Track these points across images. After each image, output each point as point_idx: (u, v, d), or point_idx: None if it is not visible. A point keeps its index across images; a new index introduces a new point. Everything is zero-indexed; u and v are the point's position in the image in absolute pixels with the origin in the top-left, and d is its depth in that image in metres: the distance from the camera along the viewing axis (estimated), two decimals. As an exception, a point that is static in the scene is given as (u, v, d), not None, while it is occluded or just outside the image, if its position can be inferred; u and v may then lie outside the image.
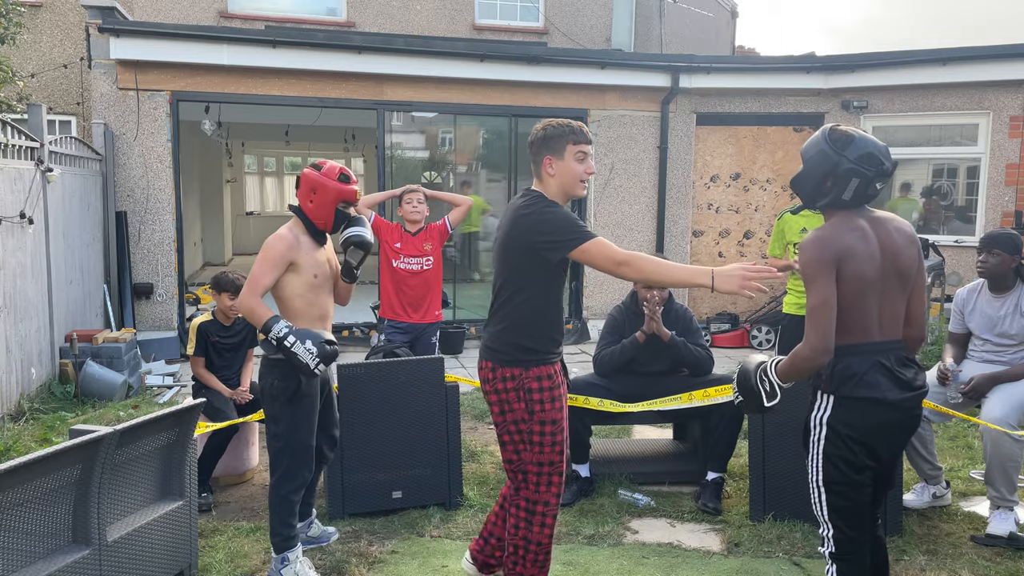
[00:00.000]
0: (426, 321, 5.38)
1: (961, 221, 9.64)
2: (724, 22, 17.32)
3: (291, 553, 3.48)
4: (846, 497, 2.63)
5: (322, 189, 3.46)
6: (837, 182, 2.62)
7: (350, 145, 16.16)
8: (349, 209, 3.55)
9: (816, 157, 2.67)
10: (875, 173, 2.61)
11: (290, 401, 3.42)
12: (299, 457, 3.48)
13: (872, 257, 2.59)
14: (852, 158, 2.60)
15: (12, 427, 5.51)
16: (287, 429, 3.45)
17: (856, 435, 2.59)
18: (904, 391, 2.60)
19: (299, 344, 3.25)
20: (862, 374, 2.58)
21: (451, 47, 9.21)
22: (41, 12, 11.66)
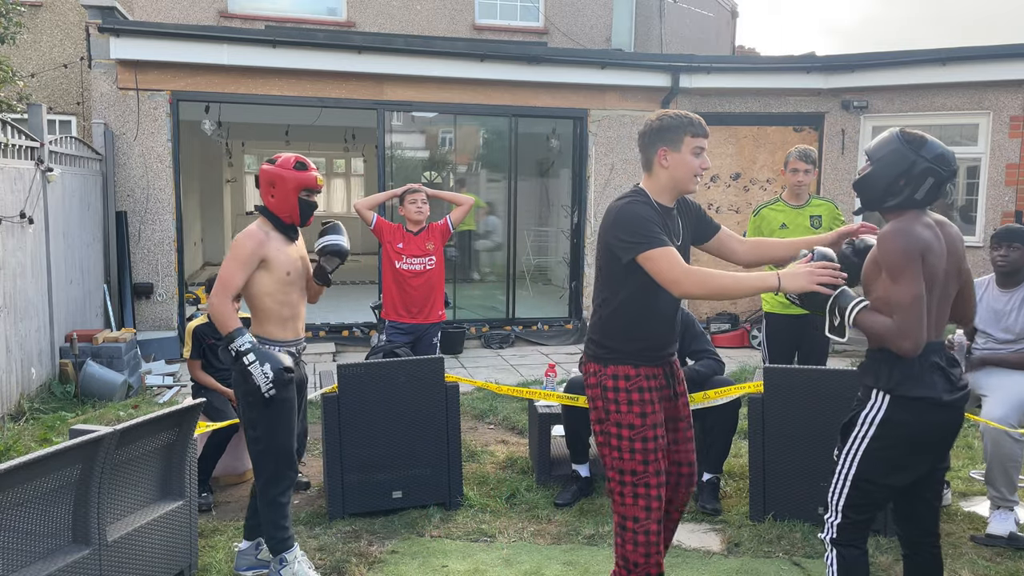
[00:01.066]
0: (429, 322, 5.38)
1: (961, 221, 9.63)
2: (724, 22, 17.32)
3: (288, 554, 3.46)
4: (871, 495, 2.65)
5: (280, 181, 3.37)
6: (911, 181, 2.59)
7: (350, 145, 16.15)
8: (313, 197, 3.45)
9: (890, 156, 2.64)
10: (948, 173, 2.61)
11: (266, 405, 3.33)
12: (282, 460, 3.40)
13: (942, 256, 2.59)
14: (929, 157, 2.59)
15: (12, 427, 5.51)
16: (266, 433, 3.36)
17: (909, 435, 2.59)
18: (956, 392, 2.62)
19: (257, 365, 3.21)
20: (920, 374, 2.57)
21: (451, 47, 9.20)
22: (41, 12, 11.66)
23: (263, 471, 3.41)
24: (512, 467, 4.96)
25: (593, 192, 9.67)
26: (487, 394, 6.47)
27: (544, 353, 8.78)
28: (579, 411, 4.47)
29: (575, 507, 4.36)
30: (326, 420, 4.17)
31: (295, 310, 3.49)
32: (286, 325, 3.44)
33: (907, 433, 2.59)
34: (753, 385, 4.45)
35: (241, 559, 3.63)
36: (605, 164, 9.65)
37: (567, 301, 9.97)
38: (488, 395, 6.48)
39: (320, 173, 3.50)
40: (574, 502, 4.41)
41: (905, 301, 2.48)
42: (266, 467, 3.40)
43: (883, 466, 2.62)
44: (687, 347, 4.63)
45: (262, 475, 3.42)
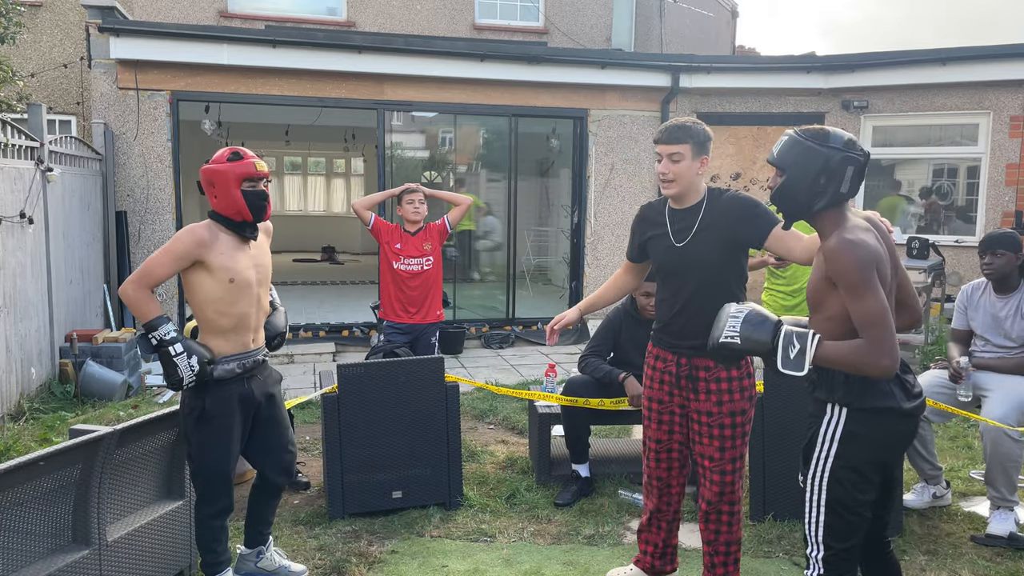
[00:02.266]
0: (427, 321, 5.38)
1: (961, 221, 9.63)
2: (724, 22, 17.32)
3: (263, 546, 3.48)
4: (846, 519, 2.47)
5: (218, 177, 3.13)
6: (832, 176, 2.43)
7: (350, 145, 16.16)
8: (259, 187, 3.18)
9: (801, 158, 2.46)
10: (864, 157, 2.46)
11: (197, 421, 3.14)
12: (213, 483, 3.18)
13: (886, 258, 2.47)
14: (839, 146, 2.44)
15: (12, 427, 5.51)
16: (196, 450, 3.17)
17: (870, 448, 2.46)
18: (913, 399, 2.51)
19: (184, 357, 3.00)
20: (877, 383, 2.44)
21: (451, 47, 9.20)
22: (41, 12, 11.66)
23: (196, 488, 3.24)
24: (512, 467, 4.96)
25: (593, 192, 9.67)
26: (487, 394, 6.47)
27: (544, 353, 8.78)
28: (579, 411, 4.48)
29: (575, 507, 4.36)
30: (326, 420, 4.17)
31: (243, 321, 3.21)
32: (229, 337, 3.19)
33: (871, 446, 2.45)
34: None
35: (241, 563, 3.56)
36: (605, 164, 9.65)
37: (567, 301, 9.97)
38: (488, 395, 6.48)
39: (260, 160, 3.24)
40: (574, 502, 4.41)
41: (875, 316, 2.29)
42: (197, 486, 3.23)
43: (852, 484, 2.45)
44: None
45: (196, 491, 3.24)
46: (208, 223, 3.20)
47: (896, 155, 9.97)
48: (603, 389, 4.48)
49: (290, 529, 4.08)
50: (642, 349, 4.56)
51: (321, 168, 19.81)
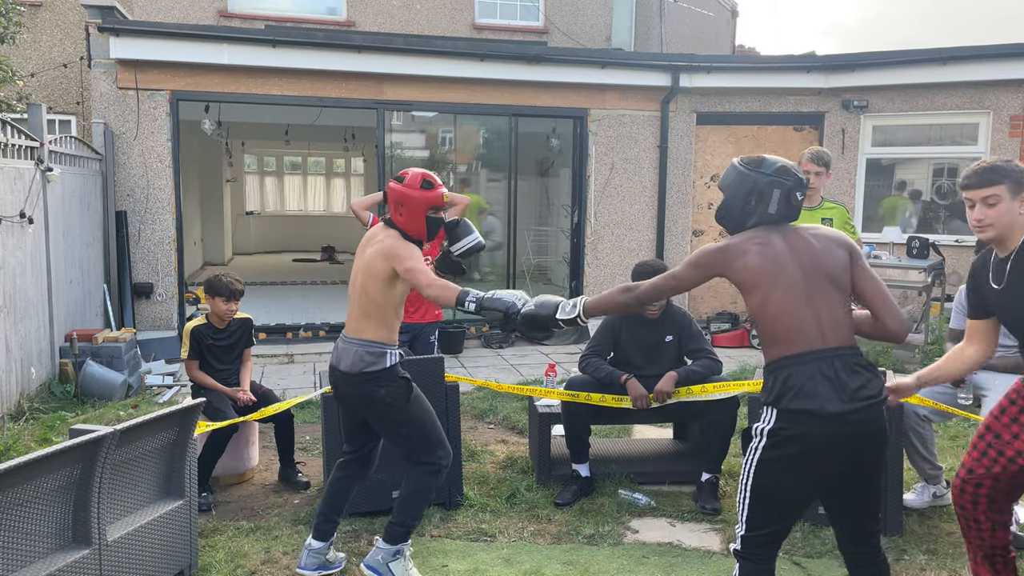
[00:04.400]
0: (426, 320, 5.38)
1: (961, 221, 9.63)
2: (724, 22, 17.32)
3: (406, 547, 3.48)
4: (768, 507, 2.59)
5: (408, 200, 3.39)
6: (761, 198, 2.71)
7: (350, 145, 16.16)
8: (441, 214, 3.46)
9: (735, 181, 2.77)
10: (793, 183, 2.71)
11: (409, 398, 3.43)
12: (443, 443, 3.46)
13: (771, 257, 2.61)
14: (769, 172, 2.72)
15: (12, 427, 5.51)
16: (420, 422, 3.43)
17: (794, 447, 2.52)
18: (849, 402, 2.50)
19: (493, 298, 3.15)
20: (800, 385, 2.52)
21: (451, 47, 9.20)
22: (41, 12, 11.66)
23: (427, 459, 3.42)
24: (512, 467, 4.96)
25: (593, 192, 9.67)
26: (487, 394, 6.47)
27: (544, 353, 8.78)
28: (580, 410, 4.47)
29: (575, 507, 4.36)
30: (326, 420, 4.16)
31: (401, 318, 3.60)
32: (395, 331, 3.49)
33: (792, 445, 2.52)
34: (752, 383, 4.45)
35: (310, 557, 3.57)
36: (605, 164, 9.65)
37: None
38: (488, 395, 6.48)
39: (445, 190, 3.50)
40: (574, 502, 4.41)
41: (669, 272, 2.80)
42: (428, 456, 3.42)
43: (774, 477, 2.56)
44: (685, 346, 4.63)
45: (426, 462, 3.42)
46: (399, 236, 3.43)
47: (896, 155, 9.97)
48: (604, 389, 4.48)
49: (290, 529, 4.08)
50: (642, 349, 4.59)
51: (321, 168, 19.81)
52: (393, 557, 3.44)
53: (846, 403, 2.50)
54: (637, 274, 4.50)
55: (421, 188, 3.39)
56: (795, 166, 2.77)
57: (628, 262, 9.33)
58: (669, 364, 4.55)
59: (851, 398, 2.51)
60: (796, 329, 2.57)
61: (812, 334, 2.56)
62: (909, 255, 8.03)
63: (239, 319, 4.80)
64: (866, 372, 2.58)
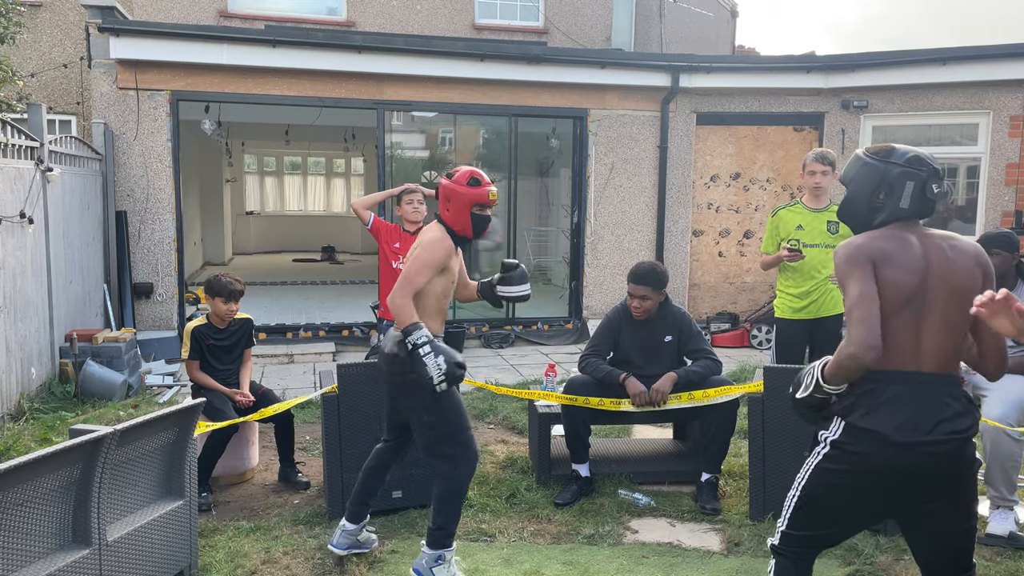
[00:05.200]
0: (426, 321, 5.38)
1: (961, 221, 9.63)
2: (724, 22, 17.32)
3: (448, 552, 3.47)
4: (814, 514, 2.52)
5: (455, 196, 3.44)
6: (891, 191, 2.48)
7: (350, 145, 16.16)
8: (486, 211, 3.50)
9: (861, 173, 2.55)
10: (928, 173, 2.47)
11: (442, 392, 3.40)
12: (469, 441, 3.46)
13: (911, 267, 2.39)
14: (901, 162, 2.49)
15: (12, 427, 5.51)
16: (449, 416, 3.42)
17: (854, 465, 2.40)
18: (926, 434, 2.32)
19: (432, 356, 3.21)
20: (876, 404, 2.36)
21: (451, 47, 9.20)
22: (41, 12, 11.66)
23: (452, 455, 3.41)
24: (512, 467, 4.96)
25: (593, 192, 9.67)
26: (487, 394, 6.47)
27: (544, 353, 8.78)
28: (579, 411, 4.47)
29: (575, 507, 4.36)
30: (326, 420, 4.17)
31: (445, 311, 3.62)
32: (435, 324, 3.51)
33: (853, 462, 2.40)
34: (753, 385, 4.45)
35: (343, 537, 3.68)
36: (605, 164, 9.65)
37: (567, 301, 9.97)
38: (488, 395, 6.48)
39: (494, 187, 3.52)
40: (574, 502, 4.41)
41: (851, 301, 2.37)
42: (455, 453, 3.41)
43: (827, 489, 2.46)
44: (684, 346, 4.63)
45: (452, 459, 3.41)
46: (444, 232, 3.49)
47: (896, 155, 9.95)
48: (603, 389, 4.48)
49: (290, 529, 4.08)
50: (642, 349, 4.59)
51: (321, 168, 19.82)
52: (436, 562, 3.44)
53: (923, 434, 2.33)
54: (635, 275, 4.49)
55: (468, 185, 3.45)
56: (929, 156, 2.53)
57: (628, 262, 9.33)
58: (668, 364, 4.54)
59: (930, 430, 2.33)
60: (892, 345, 2.36)
61: (908, 353, 2.37)
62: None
63: (239, 319, 4.81)
64: (956, 404, 2.38)
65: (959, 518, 2.43)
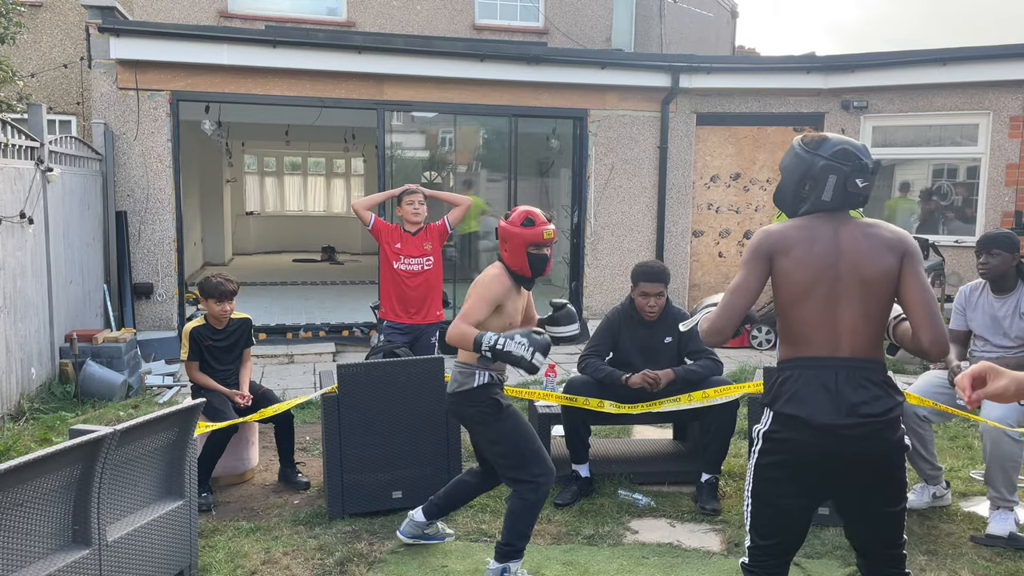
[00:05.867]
0: (427, 322, 5.39)
1: (961, 221, 9.64)
2: (724, 22, 17.32)
3: (514, 564, 3.47)
4: (769, 517, 2.51)
5: (510, 237, 3.48)
6: (815, 184, 2.49)
7: (350, 145, 16.15)
8: (543, 250, 3.51)
9: (791, 163, 2.56)
10: (852, 168, 2.46)
11: (499, 416, 3.45)
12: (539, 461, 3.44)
13: (816, 258, 2.43)
14: (826, 155, 2.49)
15: (12, 427, 5.51)
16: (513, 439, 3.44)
17: (786, 454, 2.43)
18: (845, 416, 2.35)
19: (509, 341, 3.25)
20: (796, 390, 2.41)
21: (451, 47, 9.20)
22: (41, 12, 11.66)
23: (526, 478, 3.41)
24: (512, 467, 4.96)
25: (593, 192, 9.67)
26: (487, 394, 6.46)
27: (544, 353, 8.77)
28: (579, 411, 4.47)
29: (575, 507, 4.36)
30: (326, 420, 4.17)
31: None
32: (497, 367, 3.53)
33: (785, 450, 2.43)
34: (753, 385, 4.45)
35: (409, 526, 3.81)
36: (605, 164, 9.65)
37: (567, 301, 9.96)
38: (488, 395, 6.47)
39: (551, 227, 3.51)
40: (574, 502, 4.41)
41: (729, 287, 2.53)
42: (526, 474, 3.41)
43: (769, 484, 2.48)
44: (685, 347, 4.63)
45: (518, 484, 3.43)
46: (503, 270, 3.54)
47: (896, 155, 9.97)
48: (603, 390, 4.48)
49: (290, 529, 4.08)
50: (641, 350, 4.59)
51: (321, 168, 19.81)
52: (503, 574, 3.46)
53: (841, 417, 2.35)
54: (648, 273, 4.48)
55: (522, 225, 3.47)
56: (862, 149, 2.51)
57: (628, 262, 9.34)
58: (668, 365, 4.54)
59: (848, 413, 2.36)
60: (810, 333, 2.43)
61: (825, 340, 2.42)
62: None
63: (238, 319, 4.80)
64: (875, 388, 2.40)
65: (887, 500, 2.45)
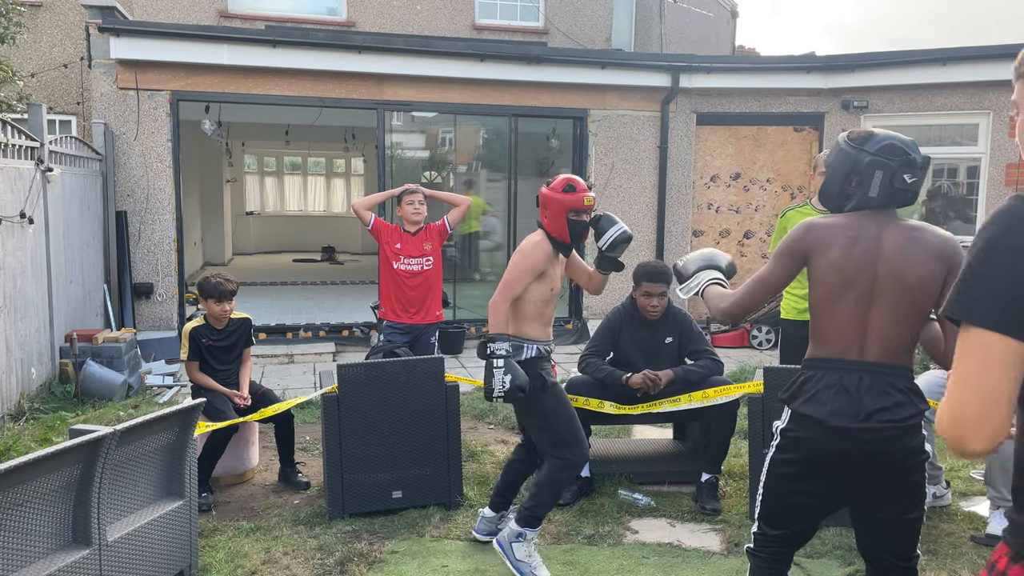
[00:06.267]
0: (427, 322, 5.39)
1: (961, 221, 9.63)
2: (724, 22, 17.32)
3: (530, 532, 3.57)
4: (779, 510, 2.54)
5: (550, 203, 3.53)
6: (861, 179, 2.46)
7: (350, 145, 16.15)
8: (582, 216, 3.53)
9: (837, 159, 2.54)
10: (899, 163, 2.42)
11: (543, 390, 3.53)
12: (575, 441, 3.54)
13: (855, 258, 2.40)
14: (873, 150, 2.45)
15: (12, 427, 5.51)
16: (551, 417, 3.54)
17: (802, 452, 2.43)
18: (862, 421, 2.32)
19: (500, 372, 3.35)
20: (816, 391, 2.41)
21: (451, 47, 9.20)
22: (41, 12, 11.66)
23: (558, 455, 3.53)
24: (512, 467, 4.96)
25: (593, 192, 9.65)
26: (487, 394, 6.46)
27: (544, 353, 8.78)
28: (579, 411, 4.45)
29: (575, 507, 4.36)
30: (326, 420, 4.17)
31: (549, 319, 3.68)
32: (537, 331, 3.60)
33: (801, 449, 2.43)
34: (753, 385, 4.45)
35: (482, 523, 3.94)
36: (605, 164, 9.65)
37: (567, 301, 9.96)
38: (488, 395, 6.47)
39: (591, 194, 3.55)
40: (574, 502, 4.41)
41: (757, 273, 2.58)
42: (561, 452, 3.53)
43: (783, 480, 2.49)
44: (685, 347, 4.63)
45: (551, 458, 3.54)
46: (544, 237, 3.58)
47: (896, 155, 9.96)
48: (604, 390, 4.48)
49: (290, 529, 4.08)
50: (642, 350, 4.59)
51: (321, 168, 19.81)
52: (516, 538, 3.57)
53: (858, 421, 2.33)
54: (651, 273, 4.49)
55: (563, 192, 3.52)
56: (910, 144, 2.46)
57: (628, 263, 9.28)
58: (668, 365, 4.54)
59: (865, 418, 2.33)
60: (839, 334, 2.41)
61: (851, 343, 2.40)
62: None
63: (238, 319, 4.80)
64: (898, 395, 2.36)
65: (903, 508, 2.41)
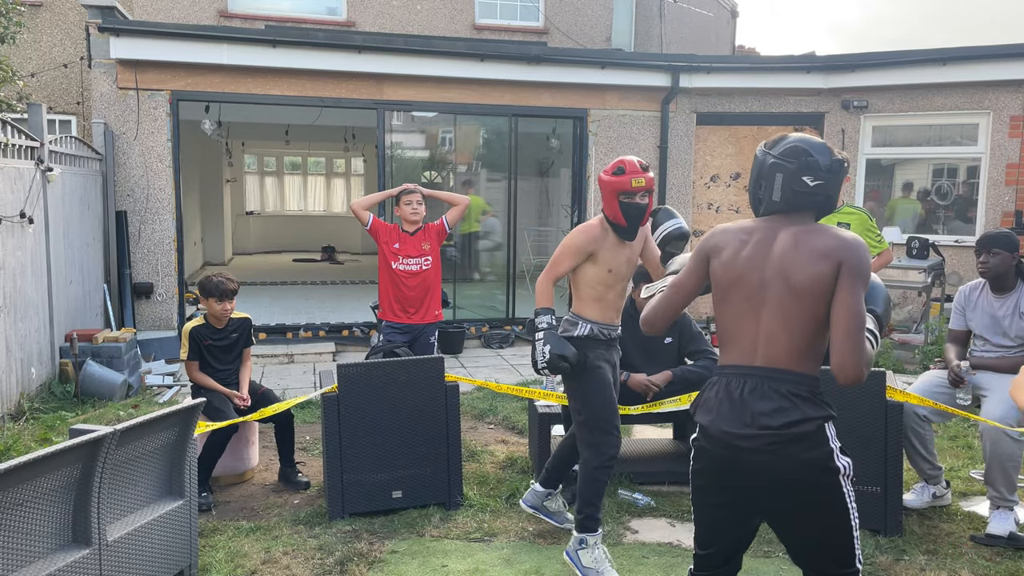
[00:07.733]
0: (426, 322, 5.39)
1: (961, 221, 9.64)
2: (724, 22, 17.32)
3: (591, 537, 3.56)
4: (701, 521, 2.49)
5: (602, 185, 3.57)
6: (766, 183, 2.39)
7: (350, 145, 16.16)
8: (635, 199, 3.53)
9: (752, 164, 2.49)
10: (799, 165, 2.32)
11: (581, 372, 3.56)
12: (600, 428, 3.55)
13: (742, 262, 2.35)
14: (776, 154, 2.38)
15: (12, 427, 5.51)
16: (582, 400, 3.57)
17: (702, 464, 2.39)
18: (743, 427, 2.24)
19: (541, 343, 3.48)
20: (708, 398, 2.38)
21: (451, 47, 9.21)
22: (41, 12, 11.66)
23: (585, 439, 3.58)
24: (512, 467, 4.96)
25: (593, 192, 9.67)
26: (487, 394, 6.47)
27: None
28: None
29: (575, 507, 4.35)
30: (326, 420, 4.17)
31: (613, 305, 3.70)
32: (599, 311, 3.65)
33: (702, 459, 2.38)
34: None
35: (531, 495, 4.04)
36: (605, 164, 9.65)
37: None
38: (488, 395, 6.48)
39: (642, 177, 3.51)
40: (574, 502, 4.40)
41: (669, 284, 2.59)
42: (586, 435, 3.57)
43: (697, 493, 2.45)
44: (685, 347, 4.63)
45: (584, 447, 3.59)
46: (602, 220, 3.65)
47: (896, 155, 9.97)
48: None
49: (290, 529, 4.08)
50: (641, 350, 4.59)
51: (321, 168, 19.81)
52: (580, 545, 3.58)
53: (739, 427, 2.25)
54: (636, 276, 4.50)
55: (613, 174, 3.54)
56: (817, 146, 2.36)
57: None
58: (668, 365, 4.55)
59: (748, 423, 2.24)
60: (731, 338, 2.38)
61: (743, 348, 2.34)
62: (909, 255, 8.03)
63: (238, 319, 4.80)
64: (780, 400, 2.23)
65: (818, 526, 2.27)
